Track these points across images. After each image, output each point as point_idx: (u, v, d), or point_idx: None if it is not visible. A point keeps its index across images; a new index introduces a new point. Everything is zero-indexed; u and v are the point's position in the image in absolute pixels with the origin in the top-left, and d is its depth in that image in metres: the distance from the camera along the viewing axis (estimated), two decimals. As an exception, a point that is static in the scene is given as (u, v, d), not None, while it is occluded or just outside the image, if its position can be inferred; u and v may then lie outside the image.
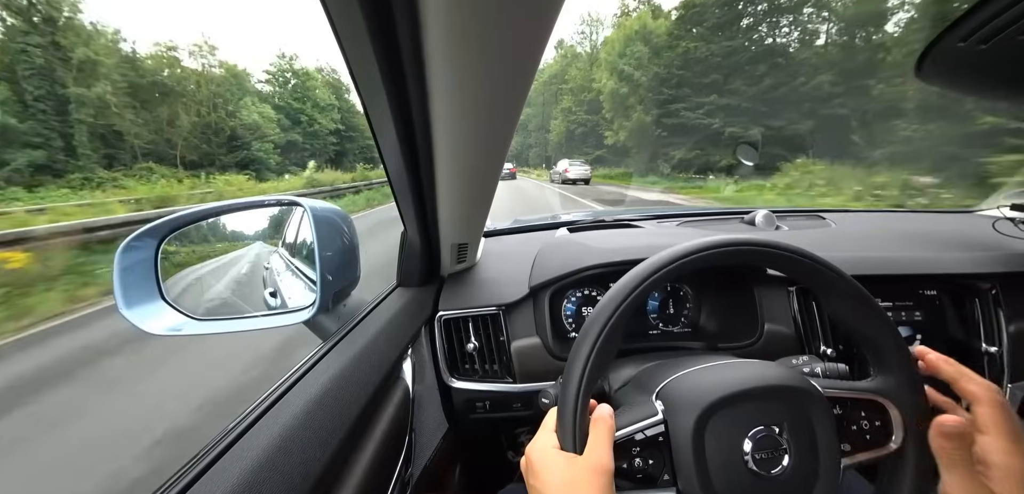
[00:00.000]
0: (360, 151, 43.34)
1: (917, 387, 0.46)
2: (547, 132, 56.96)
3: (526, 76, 0.38)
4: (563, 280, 0.90)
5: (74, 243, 5.86)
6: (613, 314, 0.44)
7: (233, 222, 0.75)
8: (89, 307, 4.58)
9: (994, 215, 1.06)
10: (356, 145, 43.67)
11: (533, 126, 65.49)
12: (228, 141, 32.05)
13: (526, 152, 68.33)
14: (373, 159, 41.66)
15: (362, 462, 0.54)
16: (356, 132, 43.06)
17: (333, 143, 41.97)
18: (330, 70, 44.04)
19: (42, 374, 3.08)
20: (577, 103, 45.44)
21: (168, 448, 2.05)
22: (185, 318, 0.65)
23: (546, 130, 58.09)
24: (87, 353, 3.38)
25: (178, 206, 7.76)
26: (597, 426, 0.42)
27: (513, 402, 0.87)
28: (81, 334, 3.88)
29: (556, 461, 0.41)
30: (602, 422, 0.43)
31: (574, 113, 45.46)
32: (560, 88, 52.84)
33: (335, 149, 42.30)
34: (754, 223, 1.23)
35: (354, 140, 43.65)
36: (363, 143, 43.13)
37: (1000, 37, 0.54)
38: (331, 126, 41.14)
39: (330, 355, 0.59)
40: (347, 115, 43.09)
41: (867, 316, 0.47)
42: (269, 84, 40.25)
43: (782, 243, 0.48)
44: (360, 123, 40.91)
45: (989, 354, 0.84)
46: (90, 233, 6.42)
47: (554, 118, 53.22)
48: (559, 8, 0.30)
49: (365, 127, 0.61)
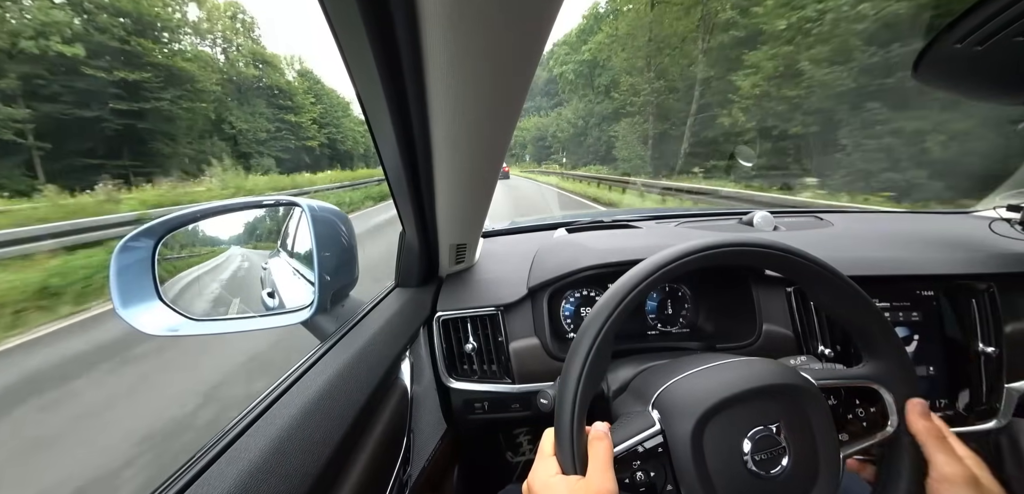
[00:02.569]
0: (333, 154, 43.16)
1: (907, 369, 0.47)
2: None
3: (525, 76, 0.38)
4: (561, 281, 0.90)
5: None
6: (611, 315, 0.44)
7: (231, 222, 0.75)
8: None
9: (990, 216, 1.06)
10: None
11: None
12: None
13: (522, 152, 64.73)
14: (341, 158, 41.28)
15: (360, 463, 0.54)
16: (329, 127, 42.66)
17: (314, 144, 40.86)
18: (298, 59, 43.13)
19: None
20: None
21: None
22: (182, 318, 0.64)
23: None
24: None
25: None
26: (596, 448, 0.42)
27: (512, 403, 0.87)
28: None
29: (560, 490, 0.40)
30: (601, 443, 0.42)
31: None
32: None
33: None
34: (752, 224, 1.23)
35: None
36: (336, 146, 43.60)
37: (997, 38, 0.54)
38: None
39: (328, 356, 0.59)
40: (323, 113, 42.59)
41: (855, 306, 0.48)
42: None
43: (776, 243, 0.48)
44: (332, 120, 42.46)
45: (986, 354, 0.84)
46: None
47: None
48: (558, 8, 0.30)
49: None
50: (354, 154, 50.42)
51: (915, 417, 0.44)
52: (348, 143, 49.54)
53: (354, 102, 37.84)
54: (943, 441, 0.43)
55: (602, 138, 32.47)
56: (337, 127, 47.30)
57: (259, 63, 37.49)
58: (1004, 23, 0.52)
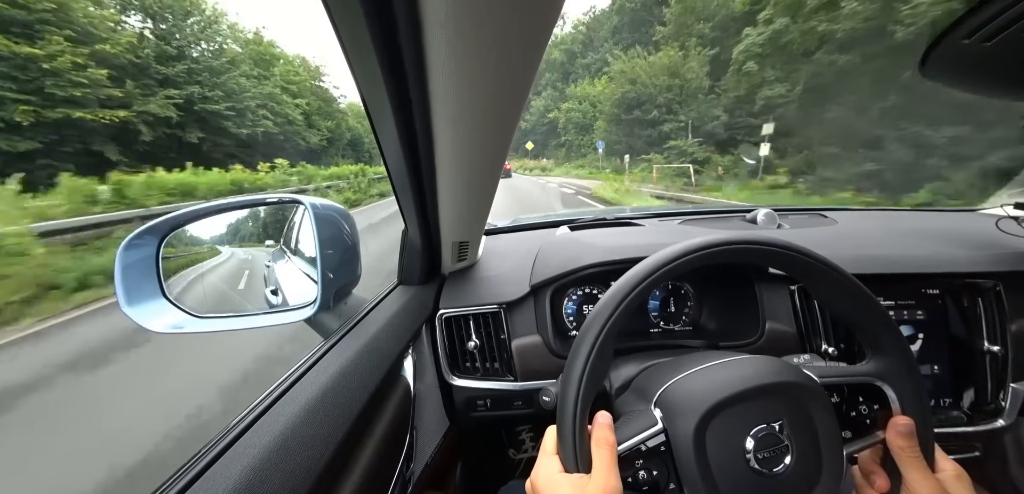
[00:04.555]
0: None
1: (911, 367, 0.47)
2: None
3: (527, 73, 0.37)
4: (564, 278, 0.90)
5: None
6: (613, 313, 0.44)
7: (234, 220, 0.76)
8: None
9: (997, 213, 1.05)
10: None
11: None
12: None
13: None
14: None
15: (363, 460, 0.54)
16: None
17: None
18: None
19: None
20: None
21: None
22: (186, 316, 0.65)
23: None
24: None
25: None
26: (599, 446, 0.42)
27: (514, 400, 0.87)
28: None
29: (563, 487, 0.40)
30: (604, 441, 0.42)
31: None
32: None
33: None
34: (756, 222, 1.22)
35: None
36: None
37: (1005, 34, 0.53)
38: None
39: (331, 353, 0.59)
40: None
41: (859, 303, 0.48)
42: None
43: (779, 240, 0.48)
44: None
45: (991, 353, 0.84)
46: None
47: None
48: (561, 6, 0.30)
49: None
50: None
51: (894, 434, 0.45)
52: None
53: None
54: (918, 460, 0.44)
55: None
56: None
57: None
58: (1013, 18, 0.51)
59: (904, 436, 0.44)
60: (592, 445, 0.43)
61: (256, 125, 25.15)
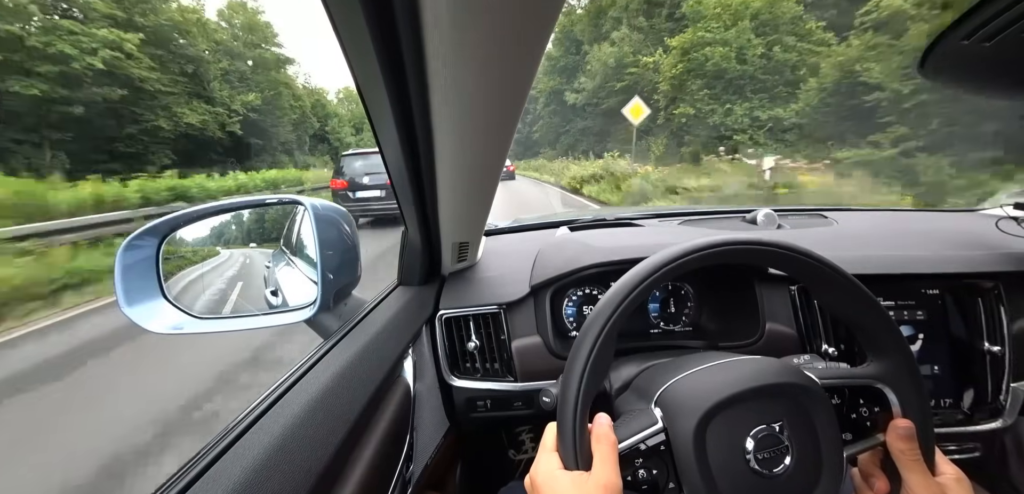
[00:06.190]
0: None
1: (912, 370, 0.47)
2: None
3: (528, 73, 0.37)
4: (564, 279, 0.89)
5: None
6: (613, 313, 0.44)
7: (234, 221, 0.76)
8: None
9: (997, 214, 1.05)
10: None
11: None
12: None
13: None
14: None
15: (363, 461, 0.54)
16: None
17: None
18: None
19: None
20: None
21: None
22: (186, 316, 0.65)
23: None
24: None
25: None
26: (600, 443, 0.42)
27: (514, 401, 0.87)
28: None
29: (563, 483, 0.40)
30: (605, 438, 0.42)
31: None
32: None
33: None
34: (756, 222, 1.22)
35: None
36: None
37: (1005, 34, 0.53)
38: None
39: (331, 354, 0.59)
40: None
41: (859, 304, 0.48)
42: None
43: (779, 241, 0.48)
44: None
45: (991, 354, 0.84)
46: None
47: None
48: (561, 5, 0.30)
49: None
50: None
51: (894, 437, 0.45)
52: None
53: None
54: (918, 463, 0.44)
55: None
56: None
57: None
58: (1013, 19, 0.51)
59: (904, 439, 0.44)
60: (592, 441, 0.43)
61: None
